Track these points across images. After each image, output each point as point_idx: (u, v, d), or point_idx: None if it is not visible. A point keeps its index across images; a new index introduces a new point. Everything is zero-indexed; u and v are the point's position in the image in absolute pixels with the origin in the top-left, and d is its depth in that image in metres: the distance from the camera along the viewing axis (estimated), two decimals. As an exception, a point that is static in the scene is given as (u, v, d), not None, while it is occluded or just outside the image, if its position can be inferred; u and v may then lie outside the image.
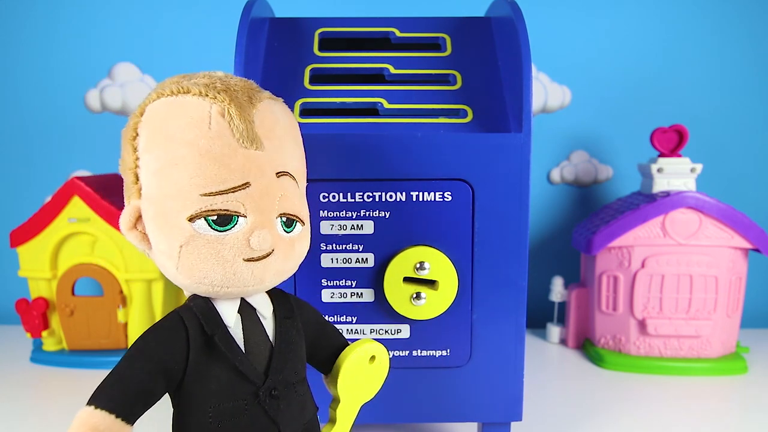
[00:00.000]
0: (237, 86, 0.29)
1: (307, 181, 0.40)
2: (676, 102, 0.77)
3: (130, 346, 0.27)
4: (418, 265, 0.40)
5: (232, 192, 0.27)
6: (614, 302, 0.63)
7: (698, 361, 0.61)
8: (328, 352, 0.35)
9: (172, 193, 0.27)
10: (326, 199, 0.41)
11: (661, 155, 0.64)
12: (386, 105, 0.43)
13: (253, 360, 0.29)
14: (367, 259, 0.42)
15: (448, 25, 0.48)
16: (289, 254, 0.30)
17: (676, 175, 0.63)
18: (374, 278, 0.42)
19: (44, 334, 0.63)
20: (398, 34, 0.48)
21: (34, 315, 0.62)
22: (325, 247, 0.42)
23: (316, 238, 0.41)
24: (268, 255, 0.28)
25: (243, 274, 0.27)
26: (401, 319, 0.42)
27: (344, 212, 0.41)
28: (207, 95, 0.27)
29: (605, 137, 0.78)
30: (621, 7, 0.76)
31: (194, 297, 0.29)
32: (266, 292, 0.31)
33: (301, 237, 0.31)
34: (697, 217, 0.59)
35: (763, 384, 0.58)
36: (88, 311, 0.62)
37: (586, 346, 0.67)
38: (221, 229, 0.27)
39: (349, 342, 0.35)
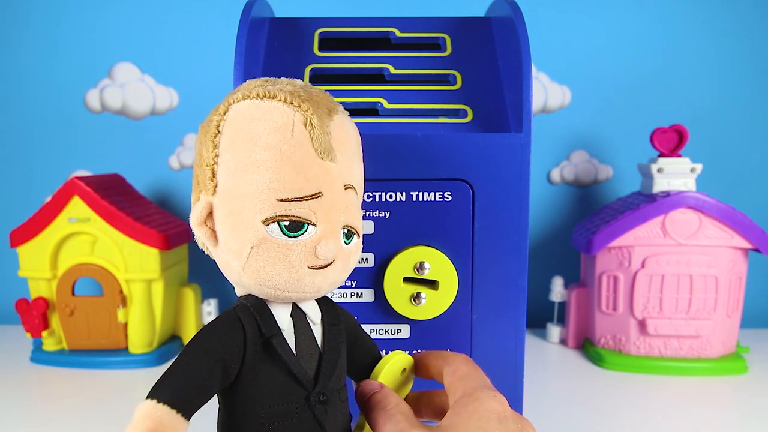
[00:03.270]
0: (318, 97, 0.29)
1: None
2: (676, 102, 0.77)
3: (188, 342, 0.27)
4: (418, 265, 0.40)
5: (306, 200, 0.27)
6: (614, 302, 0.63)
7: (698, 361, 0.61)
8: (363, 361, 0.35)
9: (249, 193, 0.27)
10: (326, 199, 0.41)
11: (661, 155, 0.64)
12: (386, 105, 0.43)
13: (304, 364, 0.29)
14: (367, 259, 0.42)
15: (448, 25, 0.48)
16: (346, 266, 0.30)
17: (676, 175, 0.63)
18: (374, 278, 0.42)
19: (44, 334, 0.63)
20: (398, 34, 0.48)
21: (34, 315, 0.62)
22: (325, 247, 0.41)
23: (316, 238, 0.41)
24: (329, 265, 0.29)
25: (305, 281, 0.28)
26: (401, 319, 0.42)
27: (344, 212, 0.41)
28: (292, 103, 0.28)
29: (605, 137, 0.78)
30: (621, 7, 0.76)
31: (248, 297, 0.29)
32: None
33: (356, 249, 0.31)
34: (697, 217, 0.59)
35: (763, 384, 0.58)
36: (88, 311, 0.62)
37: (586, 346, 0.67)
38: (292, 234, 0.27)
39: (382, 354, 0.36)
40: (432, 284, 0.41)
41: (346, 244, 0.30)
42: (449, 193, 0.41)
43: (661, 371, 0.61)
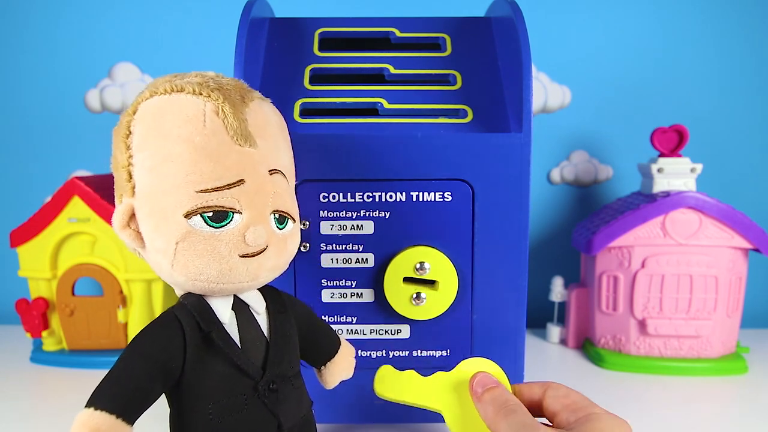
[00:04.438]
0: (229, 85, 0.29)
1: (307, 181, 0.41)
2: (676, 102, 0.77)
3: (126, 345, 0.27)
4: (418, 265, 0.40)
5: (227, 189, 0.27)
6: (614, 302, 0.63)
7: (698, 361, 0.61)
8: (322, 346, 0.35)
9: (167, 189, 0.27)
10: (326, 199, 0.41)
11: (661, 155, 0.64)
12: (386, 105, 0.43)
13: (249, 355, 0.29)
14: (367, 259, 0.42)
15: (448, 25, 0.48)
16: (282, 251, 0.30)
17: (676, 175, 0.63)
18: (374, 278, 0.42)
19: (44, 334, 0.63)
20: (398, 34, 0.48)
21: (34, 315, 0.62)
22: (325, 247, 0.42)
23: (316, 238, 0.41)
24: (262, 251, 0.28)
25: (238, 270, 0.28)
26: (401, 319, 0.42)
27: (344, 212, 0.41)
28: (201, 93, 0.27)
29: (605, 137, 0.78)
30: (621, 7, 0.76)
31: (188, 295, 0.29)
32: (258, 288, 0.31)
33: (292, 234, 0.31)
34: (697, 217, 0.59)
35: (763, 384, 0.58)
36: (88, 311, 0.62)
37: (586, 346, 0.67)
38: (217, 225, 0.27)
39: (341, 338, 0.36)
40: (432, 284, 0.41)
41: (280, 229, 0.30)
42: (449, 193, 0.41)
43: (661, 371, 0.61)
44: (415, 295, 0.41)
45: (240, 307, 0.30)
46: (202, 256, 0.27)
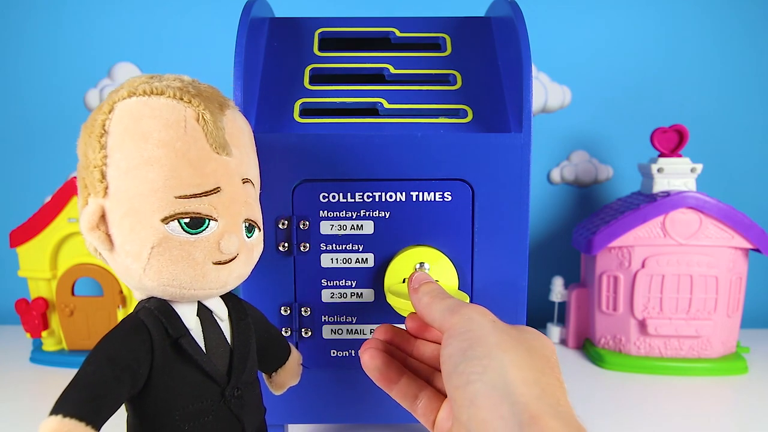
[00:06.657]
0: (207, 92, 0.29)
1: (307, 181, 0.41)
2: (676, 102, 0.77)
3: (91, 351, 0.26)
4: (418, 265, 0.40)
5: (205, 196, 0.27)
6: (614, 302, 0.63)
7: (698, 361, 0.61)
8: (274, 352, 0.36)
9: (145, 192, 0.26)
10: (326, 199, 0.41)
11: (662, 155, 0.64)
12: (386, 105, 0.43)
13: (215, 361, 0.29)
14: (367, 259, 0.42)
15: (448, 25, 0.48)
16: (249, 259, 0.30)
17: (676, 175, 0.63)
18: (374, 278, 0.42)
19: (44, 334, 0.63)
20: (398, 34, 0.48)
21: (33, 315, 0.62)
22: (325, 247, 0.42)
23: (316, 238, 0.41)
24: (233, 259, 0.29)
25: (210, 277, 0.28)
26: (401, 319, 0.42)
27: (344, 212, 0.41)
28: (182, 99, 0.27)
29: (605, 137, 0.78)
30: (621, 7, 0.76)
31: (150, 300, 0.28)
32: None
33: (258, 242, 0.31)
34: (698, 217, 0.59)
35: (763, 384, 0.58)
36: (88, 311, 0.62)
37: (586, 346, 0.67)
38: (193, 231, 0.27)
39: (291, 346, 0.38)
40: (432, 284, 0.41)
41: (248, 237, 0.30)
42: (449, 193, 0.41)
43: (661, 371, 0.61)
44: (415, 295, 0.41)
45: (204, 313, 0.30)
46: (178, 262, 0.27)
